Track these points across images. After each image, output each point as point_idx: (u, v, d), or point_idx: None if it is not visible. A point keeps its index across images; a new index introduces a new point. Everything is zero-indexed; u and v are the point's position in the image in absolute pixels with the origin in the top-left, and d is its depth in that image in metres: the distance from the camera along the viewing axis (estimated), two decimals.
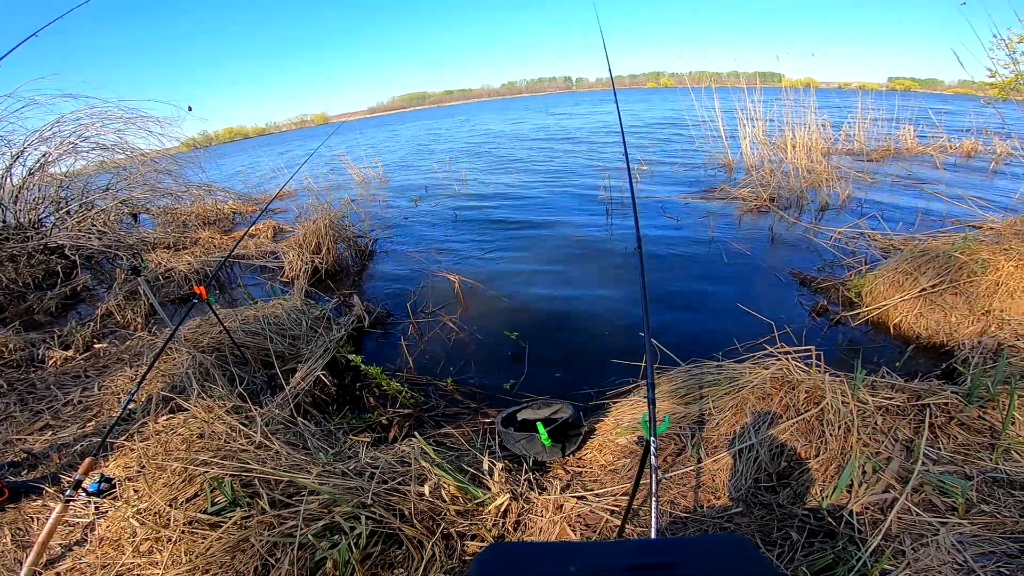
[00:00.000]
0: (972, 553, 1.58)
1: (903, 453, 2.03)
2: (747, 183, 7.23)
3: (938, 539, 1.64)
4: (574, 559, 0.48)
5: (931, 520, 1.72)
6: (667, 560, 0.47)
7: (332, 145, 17.46)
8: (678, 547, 0.55)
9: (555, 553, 0.53)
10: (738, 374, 2.51)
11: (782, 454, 2.10)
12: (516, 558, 0.51)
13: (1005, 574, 1.51)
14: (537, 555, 0.52)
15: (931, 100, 15.83)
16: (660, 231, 5.96)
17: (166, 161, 8.62)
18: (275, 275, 5.64)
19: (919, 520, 1.73)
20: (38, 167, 7.08)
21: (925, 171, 8.00)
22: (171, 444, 2.39)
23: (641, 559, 0.48)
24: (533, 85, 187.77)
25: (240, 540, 1.79)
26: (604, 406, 2.83)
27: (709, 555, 0.50)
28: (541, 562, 0.49)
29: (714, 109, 8.75)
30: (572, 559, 0.48)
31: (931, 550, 1.61)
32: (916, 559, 1.58)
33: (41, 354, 3.81)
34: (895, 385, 2.39)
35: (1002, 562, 1.55)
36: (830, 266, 4.58)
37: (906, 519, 1.74)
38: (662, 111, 21.63)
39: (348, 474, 2.06)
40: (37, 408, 3.07)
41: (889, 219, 5.47)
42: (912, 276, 3.61)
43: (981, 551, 1.59)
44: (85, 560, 1.95)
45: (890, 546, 1.64)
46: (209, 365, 3.20)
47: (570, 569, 0.45)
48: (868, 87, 10.78)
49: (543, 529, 1.91)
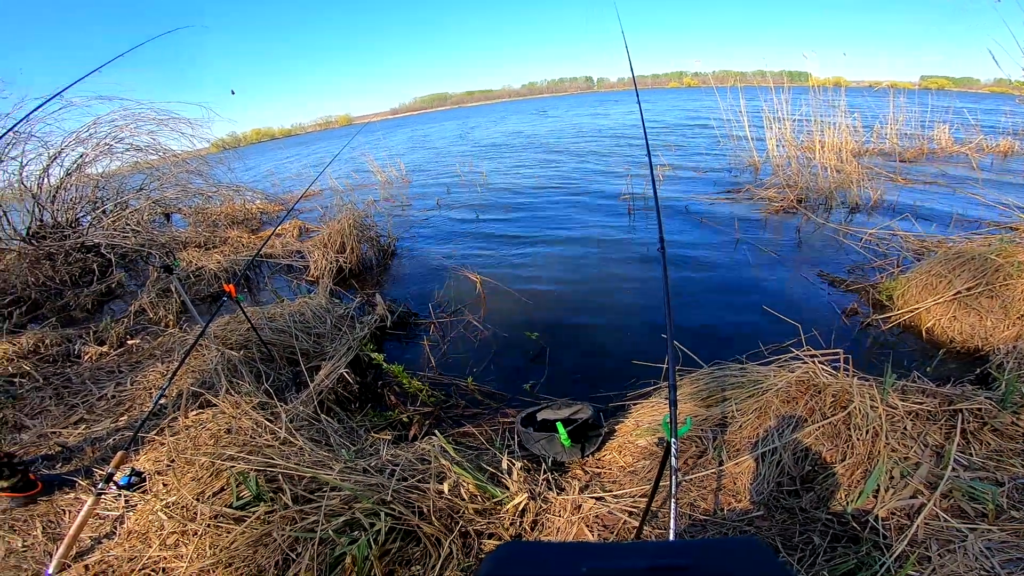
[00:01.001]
0: (1000, 559, 1.53)
1: (933, 458, 1.98)
2: (773, 183, 7.10)
3: (966, 545, 1.60)
4: (587, 559, 0.47)
5: (959, 526, 1.67)
6: (682, 562, 0.47)
7: (355, 146, 17.71)
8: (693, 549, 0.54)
9: (568, 553, 0.53)
10: (762, 377, 2.47)
11: (806, 458, 2.06)
12: (528, 557, 0.51)
13: None
14: (549, 554, 0.52)
15: (966, 99, 15.32)
16: (683, 232, 5.90)
17: (196, 162, 8.83)
18: (301, 274, 5.74)
19: (947, 526, 1.69)
20: (75, 167, 7.30)
21: (960, 172, 7.75)
22: (200, 439, 2.46)
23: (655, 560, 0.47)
24: (554, 85, 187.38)
25: (263, 535, 1.83)
26: (624, 407, 2.81)
27: (724, 557, 0.50)
28: (553, 561, 0.49)
29: (739, 109, 8.61)
30: (585, 559, 0.48)
31: (958, 556, 1.57)
32: (942, 565, 1.55)
33: (77, 349, 3.94)
34: (926, 390, 2.33)
35: None
36: (860, 268, 4.47)
37: (933, 525, 1.70)
38: (685, 111, 21.38)
39: (369, 471, 2.09)
40: (72, 402, 3.17)
41: (922, 220, 5.32)
42: (946, 279, 3.51)
43: (1009, 557, 1.54)
44: (113, 553, 1.99)
45: (915, 552, 1.61)
46: (237, 362, 3.27)
47: (582, 569, 0.45)
48: (899, 86, 10.46)
49: (560, 529, 1.91)
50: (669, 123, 17.28)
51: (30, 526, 2.22)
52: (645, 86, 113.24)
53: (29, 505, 2.34)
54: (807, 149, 7.62)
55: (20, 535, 2.18)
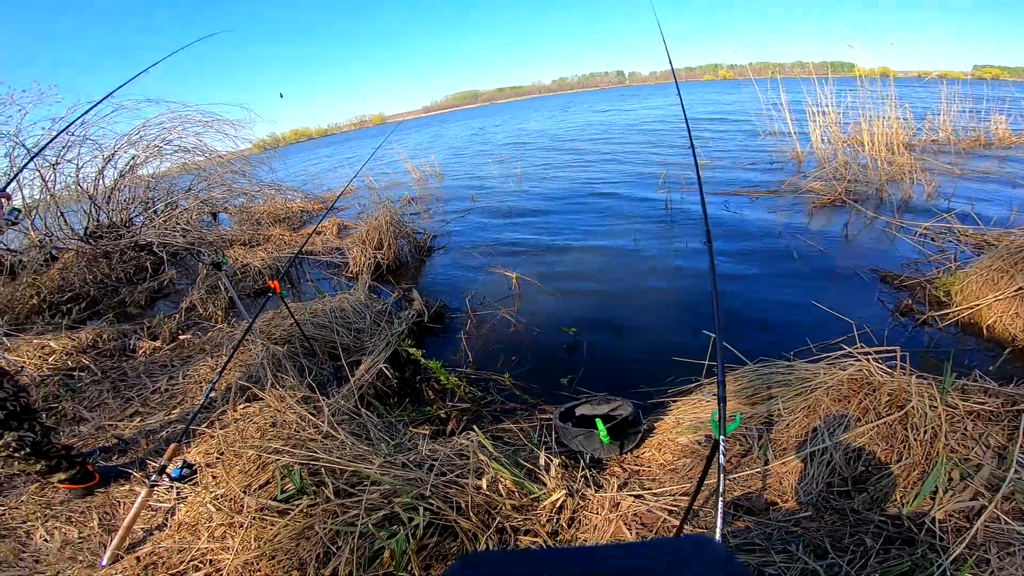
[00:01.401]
0: None
1: (994, 460, 1.87)
2: (819, 176, 6.83)
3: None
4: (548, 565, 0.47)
5: (1020, 529, 1.59)
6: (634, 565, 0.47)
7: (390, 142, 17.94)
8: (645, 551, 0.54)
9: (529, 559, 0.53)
10: (811, 375, 2.38)
11: (859, 458, 1.98)
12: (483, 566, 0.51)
13: None
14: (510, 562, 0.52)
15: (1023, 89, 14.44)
16: (724, 227, 5.74)
17: (240, 162, 9.12)
18: (340, 270, 5.86)
19: (1007, 528, 1.61)
20: (128, 169, 7.65)
21: (1020, 162, 7.31)
22: (247, 432, 2.52)
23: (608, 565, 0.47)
24: (585, 80, 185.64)
25: (305, 527, 1.86)
26: (664, 404, 2.76)
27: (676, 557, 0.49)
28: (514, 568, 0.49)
29: (779, 101, 8.33)
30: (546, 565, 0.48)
31: (1017, 559, 1.50)
32: (1001, 568, 1.48)
33: (132, 344, 4.11)
34: (988, 389, 2.20)
35: None
36: (914, 263, 4.26)
37: (993, 527, 1.62)
38: (720, 104, 20.83)
39: (408, 465, 2.11)
40: (128, 395, 3.31)
41: (981, 214, 5.03)
42: (1008, 274, 3.31)
43: None
44: (163, 544, 2.04)
45: (974, 555, 1.54)
46: (281, 356, 3.35)
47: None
48: (951, 76, 9.89)
49: (598, 527, 1.88)
50: (705, 116, 16.89)
51: (87, 517, 2.31)
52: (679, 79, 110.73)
53: (87, 497, 2.42)
54: (855, 141, 7.32)
55: (76, 526, 2.26)
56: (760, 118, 9.73)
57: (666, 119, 17.87)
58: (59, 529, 2.25)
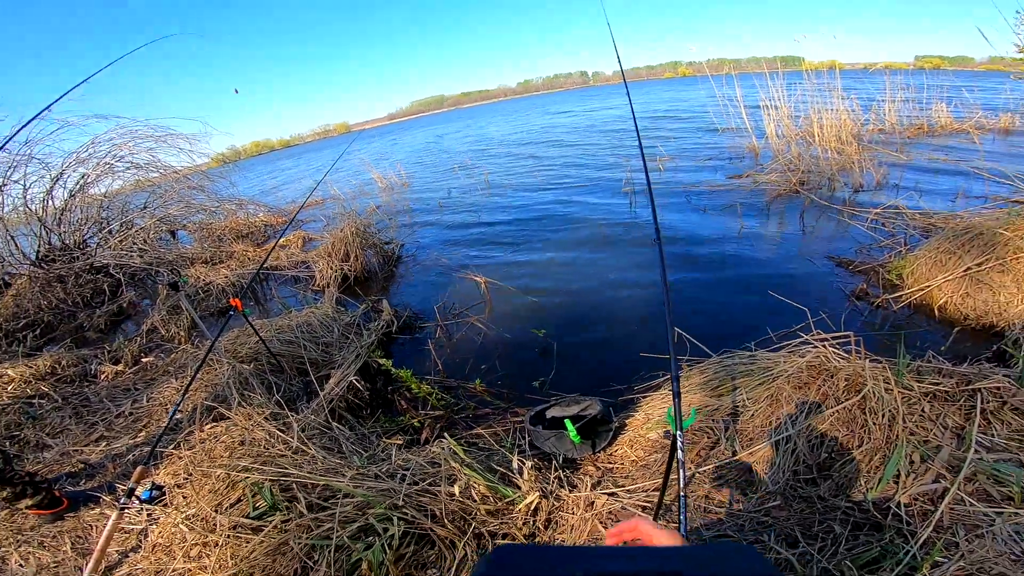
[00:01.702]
0: None
1: (953, 441, 1.92)
2: (774, 168, 7.04)
3: (994, 530, 1.55)
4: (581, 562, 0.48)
5: (986, 510, 1.62)
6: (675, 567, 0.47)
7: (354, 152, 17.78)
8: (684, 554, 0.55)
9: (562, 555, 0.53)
10: (772, 363, 2.44)
11: (822, 445, 2.04)
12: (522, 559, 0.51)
13: None
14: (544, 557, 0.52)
15: (962, 77, 15.12)
16: (687, 220, 5.87)
17: (198, 177, 8.90)
18: (307, 284, 5.77)
19: (973, 511, 1.63)
20: (78, 188, 7.37)
21: (962, 148, 7.65)
22: (215, 451, 2.48)
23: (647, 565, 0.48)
24: (549, 82, 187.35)
25: (280, 543, 1.84)
26: (634, 401, 2.80)
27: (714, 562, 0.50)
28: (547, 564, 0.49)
29: (735, 96, 8.55)
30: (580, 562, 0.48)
31: (986, 541, 1.52)
32: (971, 551, 1.49)
33: (93, 369, 3.99)
34: (942, 370, 2.27)
35: None
36: (867, 248, 4.43)
37: (959, 510, 1.65)
38: (681, 100, 21.25)
39: (381, 476, 2.09)
40: (91, 420, 3.23)
41: (927, 198, 5.26)
42: (955, 255, 3.47)
43: None
44: (140, 566, 2.04)
45: (941, 538, 1.56)
46: (248, 374, 3.29)
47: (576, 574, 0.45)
48: (894, 66, 10.34)
49: (574, 527, 1.90)
50: (665, 113, 17.19)
51: (59, 542, 2.28)
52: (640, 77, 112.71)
53: (57, 521, 2.40)
54: (807, 133, 7.56)
55: (50, 551, 2.24)
56: (718, 114, 9.96)
57: (627, 118, 18.11)
58: (33, 554, 2.21)
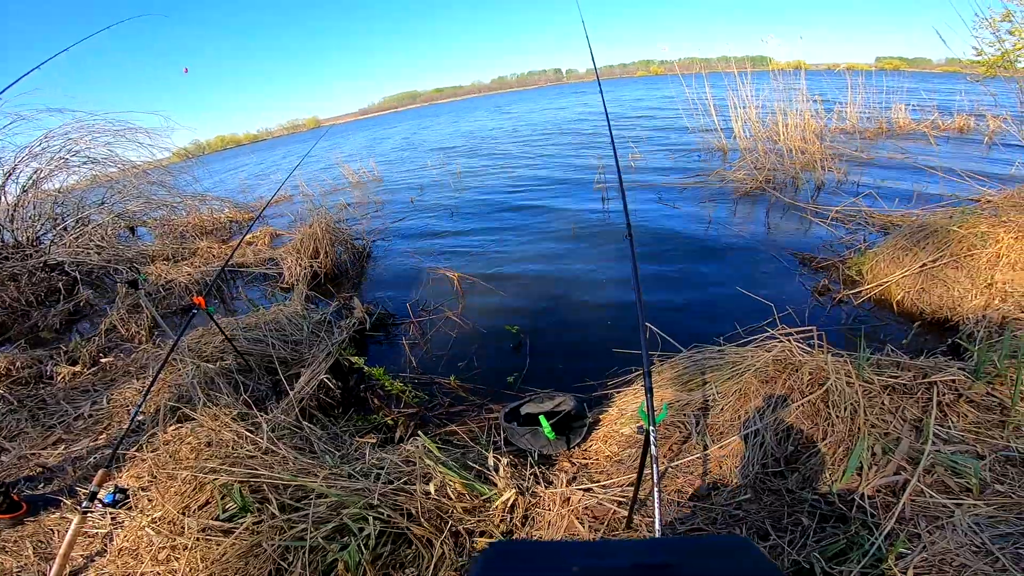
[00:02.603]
0: (990, 535, 1.53)
1: (912, 433, 1.98)
2: (741, 166, 7.20)
3: (954, 521, 1.59)
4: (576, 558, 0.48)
5: (945, 502, 1.68)
6: (669, 560, 0.47)
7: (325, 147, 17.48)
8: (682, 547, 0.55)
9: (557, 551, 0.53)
10: (740, 358, 2.49)
11: (788, 438, 2.09)
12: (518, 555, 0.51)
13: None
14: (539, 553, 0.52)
15: (920, 79, 15.75)
16: (657, 217, 5.95)
17: (158, 172, 8.62)
18: (275, 282, 5.65)
19: (933, 502, 1.69)
20: (31, 184, 7.07)
21: (919, 148, 7.97)
22: (180, 453, 2.41)
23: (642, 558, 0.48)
24: (523, 79, 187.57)
25: (252, 545, 1.80)
26: (608, 396, 2.82)
27: (712, 556, 0.50)
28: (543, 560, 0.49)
29: (705, 95, 8.71)
30: (574, 557, 0.48)
31: (947, 533, 1.56)
32: (932, 542, 1.54)
33: (49, 370, 3.82)
34: (900, 363, 2.36)
35: (1020, 543, 1.50)
36: (829, 245, 4.57)
37: (919, 501, 1.70)
38: (653, 99, 21.54)
39: (354, 476, 2.07)
40: (49, 423, 3.11)
41: (886, 196, 5.45)
42: (912, 252, 3.61)
43: (999, 532, 1.54)
44: (106, 570, 1.99)
45: (904, 529, 1.61)
46: (213, 374, 3.20)
47: (573, 568, 0.45)
48: (856, 67, 10.70)
49: (551, 523, 1.91)
50: (638, 111, 17.39)
51: (21, 546, 2.20)
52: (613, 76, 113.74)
53: (16, 526, 2.32)
54: (772, 132, 7.76)
55: (11, 556, 2.16)
56: (688, 113, 10.12)
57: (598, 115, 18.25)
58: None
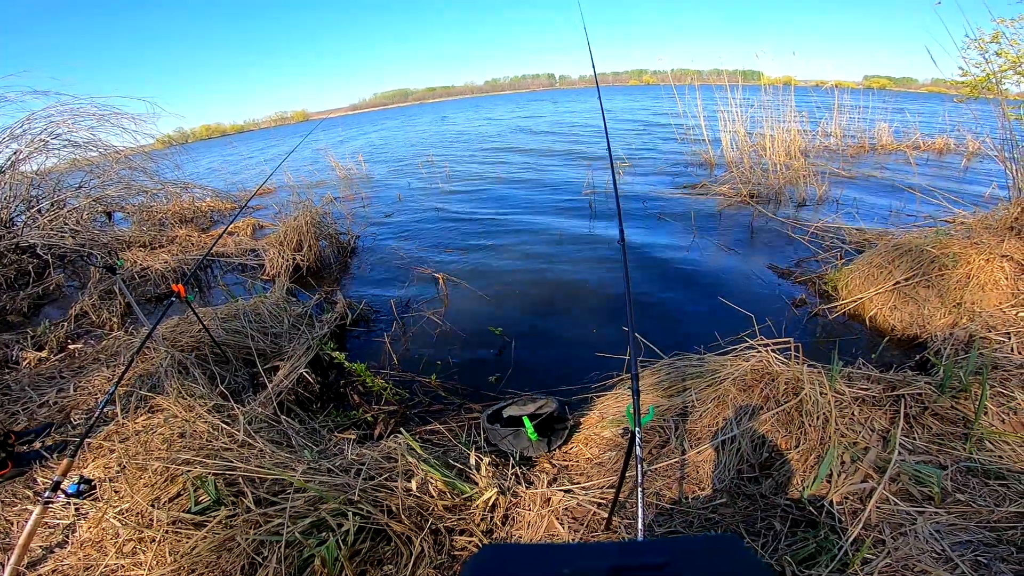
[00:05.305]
0: (949, 542, 1.61)
1: (880, 443, 2.08)
2: (727, 180, 7.32)
3: (916, 528, 1.67)
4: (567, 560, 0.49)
5: (908, 509, 1.76)
6: (659, 560, 0.48)
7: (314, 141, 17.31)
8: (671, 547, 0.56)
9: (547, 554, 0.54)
10: (719, 366, 2.54)
11: (763, 445, 2.14)
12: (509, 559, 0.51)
13: (983, 563, 1.54)
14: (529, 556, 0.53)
15: (906, 98, 16.19)
16: (642, 227, 6.01)
17: (141, 158, 8.43)
18: (256, 273, 5.57)
19: (897, 510, 1.77)
20: (8, 165, 6.88)
21: (899, 168, 8.19)
22: (151, 444, 2.36)
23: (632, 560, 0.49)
24: (516, 82, 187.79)
25: (226, 539, 1.78)
26: (589, 400, 2.85)
27: (703, 555, 0.51)
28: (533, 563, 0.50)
29: (696, 107, 8.84)
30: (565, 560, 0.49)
31: (910, 539, 1.64)
32: (896, 548, 1.61)
33: (15, 355, 3.72)
34: (871, 376, 2.46)
35: (979, 551, 1.58)
36: (807, 260, 4.67)
37: (884, 509, 1.78)
38: (644, 109, 21.79)
39: (334, 471, 2.05)
40: (12, 410, 3.00)
41: (864, 214, 5.59)
42: (886, 270, 3.70)
43: (958, 540, 1.62)
44: (67, 562, 1.92)
45: (870, 535, 1.68)
46: (189, 364, 3.14)
47: (563, 571, 0.46)
48: (844, 85, 10.98)
49: (531, 523, 1.92)
50: (630, 120, 17.55)
51: None
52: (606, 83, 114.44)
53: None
54: (759, 146, 7.90)
55: None
56: (679, 125, 10.25)
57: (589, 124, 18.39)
58: None
